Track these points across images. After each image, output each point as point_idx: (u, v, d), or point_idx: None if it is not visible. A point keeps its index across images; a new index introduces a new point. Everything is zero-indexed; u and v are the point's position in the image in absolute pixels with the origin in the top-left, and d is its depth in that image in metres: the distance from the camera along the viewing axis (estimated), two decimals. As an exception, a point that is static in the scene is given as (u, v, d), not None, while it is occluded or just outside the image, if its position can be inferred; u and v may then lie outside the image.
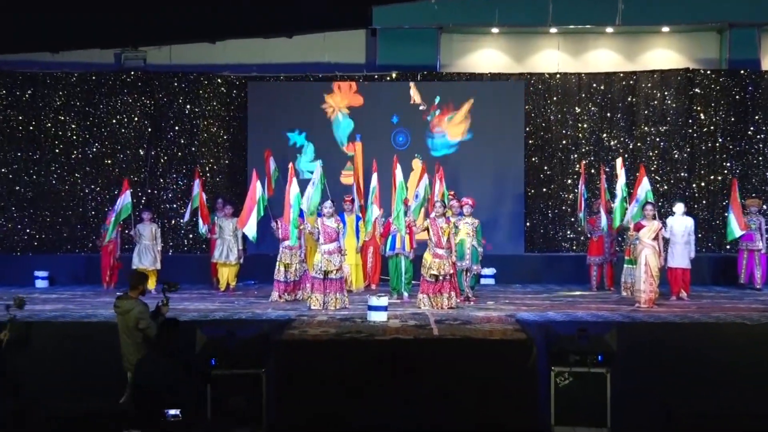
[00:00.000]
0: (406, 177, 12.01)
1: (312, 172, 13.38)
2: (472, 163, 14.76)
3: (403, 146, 14.62)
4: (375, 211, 12.05)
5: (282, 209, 11.40)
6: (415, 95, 14.62)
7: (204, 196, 12.95)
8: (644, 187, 11.41)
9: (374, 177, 12.48)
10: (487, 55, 15.57)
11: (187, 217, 13.11)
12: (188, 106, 15.27)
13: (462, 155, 14.75)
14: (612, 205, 12.20)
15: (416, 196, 12.04)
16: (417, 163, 14.24)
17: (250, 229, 11.40)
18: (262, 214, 11.62)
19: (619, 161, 11.83)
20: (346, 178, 14.34)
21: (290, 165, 11.01)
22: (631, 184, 14.51)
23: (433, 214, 10.75)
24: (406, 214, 11.03)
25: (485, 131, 14.80)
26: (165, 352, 6.49)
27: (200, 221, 12.87)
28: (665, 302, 11.04)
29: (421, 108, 14.67)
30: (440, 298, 10.44)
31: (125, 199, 12.60)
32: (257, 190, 11.54)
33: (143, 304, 7.29)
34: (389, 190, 12.26)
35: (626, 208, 11.62)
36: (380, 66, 15.24)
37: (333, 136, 14.79)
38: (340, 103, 14.71)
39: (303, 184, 11.49)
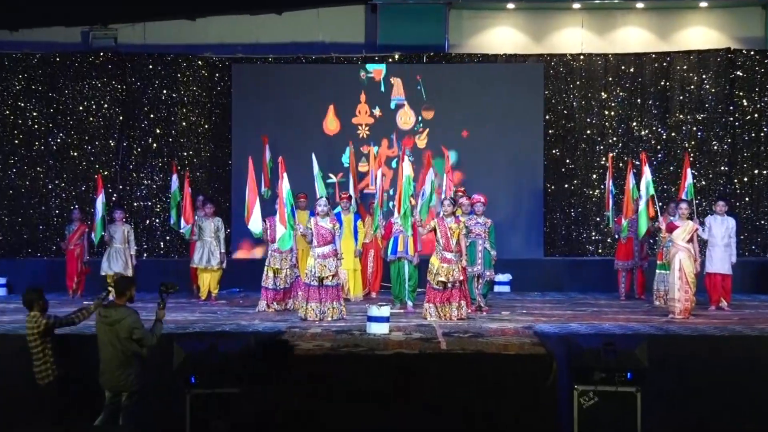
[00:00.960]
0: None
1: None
2: (485, 156, 14.79)
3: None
4: (380, 216, 12.05)
5: (273, 207, 11.41)
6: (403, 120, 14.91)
7: (189, 191, 12.93)
8: (687, 181, 11.35)
9: (379, 173, 12.51)
10: (502, 34, 15.58)
11: (173, 219, 13.03)
12: (165, 92, 15.30)
13: (473, 147, 14.77)
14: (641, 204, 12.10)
15: (422, 194, 12.05)
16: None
17: (255, 224, 11.37)
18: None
19: (642, 155, 11.74)
20: (363, 167, 14.59)
21: (280, 159, 11.00)
22: (667, 179, 14.58)
23: (441, 213, 10.76)
24: (412, 213, 11.02)
25: (499, 120, 14.82)
26: (270, 382, 6.45)
27: (181, 219, 12.84)
28: (703, 312, 11.03)
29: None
30: (449, 307, 10.46)
31: (102, 198, 12.63)
32: (255, 183, 11.52)
33: (135, 312, 7.32)
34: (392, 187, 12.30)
35: (654, 213, 11.54)
36: (381, 46, 15.27)
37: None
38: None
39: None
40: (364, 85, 14.99)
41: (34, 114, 15.19)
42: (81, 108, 15.22)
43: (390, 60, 15.15)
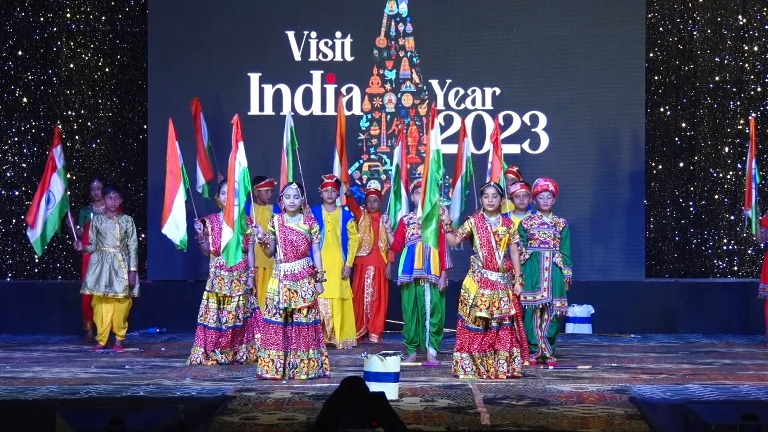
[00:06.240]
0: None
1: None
2: (551, 119, 14.83)
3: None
4: (402, 207, 12.07)
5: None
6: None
7: (60, 177, 12.88)
8: None
9: (397, 150, 12.51)
10: None
11: (34, 225, 13.01)
12: (41, 14, 15.28)
13: (532, 105, 14.76)
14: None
15: (461, 179, 12.09)
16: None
17: (174, 228, 11.35)
18: (185, 197, 11.62)
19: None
20: (375, 131, 14.94)
21: (235, 117, 10.86)
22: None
23: (480, 209, 10.76)
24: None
25: (573, 62, 14.85)
26: None
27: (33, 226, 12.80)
28: None
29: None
30: (494, 359, 10.47)
31: None
32: (178, 157, 11.50)
33: None
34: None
35: None
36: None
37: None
38: None
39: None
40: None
41: None
42: None
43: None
